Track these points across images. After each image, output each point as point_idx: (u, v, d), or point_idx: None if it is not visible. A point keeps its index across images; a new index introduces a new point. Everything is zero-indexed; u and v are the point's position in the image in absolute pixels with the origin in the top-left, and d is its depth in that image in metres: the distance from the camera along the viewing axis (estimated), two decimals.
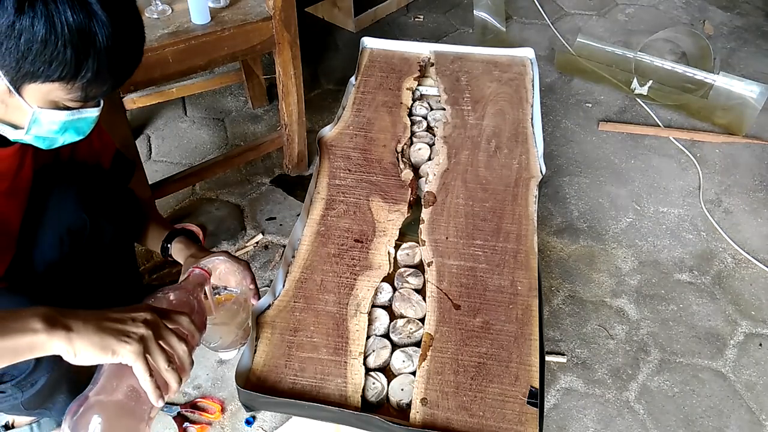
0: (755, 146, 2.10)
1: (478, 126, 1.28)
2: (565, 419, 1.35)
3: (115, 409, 0.73)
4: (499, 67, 1.44)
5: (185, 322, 0.80)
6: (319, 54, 2.48)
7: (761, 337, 1.53)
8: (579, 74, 2.38)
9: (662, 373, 1.44)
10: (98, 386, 0.74)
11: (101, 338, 0.69)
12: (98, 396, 0.73)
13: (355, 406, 0.82)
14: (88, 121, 0.82)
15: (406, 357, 0.89)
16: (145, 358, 0.71)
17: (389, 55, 1.46)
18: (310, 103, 2.14)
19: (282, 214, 1.79)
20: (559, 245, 1.74)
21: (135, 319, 0.73)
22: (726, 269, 1.69)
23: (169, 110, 2.15)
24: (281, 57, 1.59)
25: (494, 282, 0.98)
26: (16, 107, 0.75)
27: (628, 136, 2.13)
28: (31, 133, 0.78)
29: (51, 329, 0.68)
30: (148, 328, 0.73)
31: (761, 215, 1.86)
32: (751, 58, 2.54)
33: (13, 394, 1.00)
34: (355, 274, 0.99)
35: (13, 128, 0.78)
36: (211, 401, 1.35)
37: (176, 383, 0.75)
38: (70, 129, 0.81)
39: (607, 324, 1.54)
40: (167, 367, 0.74)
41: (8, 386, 0.97)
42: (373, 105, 1.32)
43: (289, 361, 0.87)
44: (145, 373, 0.71)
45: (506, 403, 0.83)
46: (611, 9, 2.84)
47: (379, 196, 1.12)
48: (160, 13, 1.45)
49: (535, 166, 1.18)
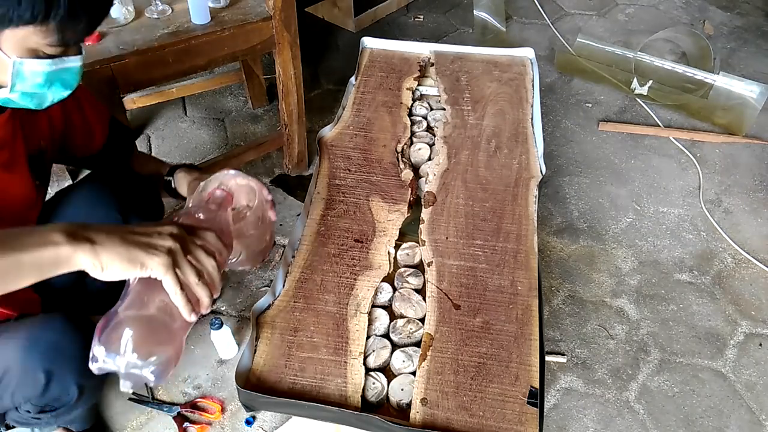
0: (755, 146, 2.10)
1: (478, 126, 1.28)
2: (565, 419, 1.35)
3: (147, 324, 0.70)
4: (499, 67, 1.43)
5: (212, 239, 0.76)
6: (319, 54, 2.48)
7: (761, 337, 1.53)
8: (579, 74, 2.38)
9: (662, 373, 1.44)
10: (127, 301, 0.71)
11: (128, 251, 0.67)
12: (128, 311, 0.70)
13: (355, 406, 0.82)
14: (72, 72, 0.79)
15: (406, 357, 0.89)
16: (174, 271, 0.69)
17: (389, 55, 1.46)
18: (310, 103, 2.14)
19: (282, 214, 1.79)
20: (559, 245, 1.74)
21: (161, 233, 0.71)
22: (726, 269, 1.69)
23: (169, 110, 2.15)
24: (281, 57, 1.59)
25: (494, 282, 0.98)
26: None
27: (628, 136, 2.13)
28: (16, 89, 0.75)
29: (74, 242, 0.65)
30: (175, 242, 0.70)
31: (761, 215, 1.86)
32: (751, 58, 2.54)
33: (47, 421, 1.02)
34: (355, 274, 0.99)
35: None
36: (211, 401, 1.35)
37: (207, 298, 0.72)
38: (56, 82, 0.78)
39: (607, 324, 1.54)
40: (197, 281, 0.71)
41: (47, 416, 0.97)
42: (373, 105, 1.32)
43: (289, 361, 0.87)
44: (175, 287, 0.69)
45: (506, 403, 0.83)
46: (611, 9, 2.84)
47: (379, 196, 1.12)
48: (160, 13, 1.45)
49: (535, 166, 1.18)
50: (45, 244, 0.64)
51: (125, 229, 0.69)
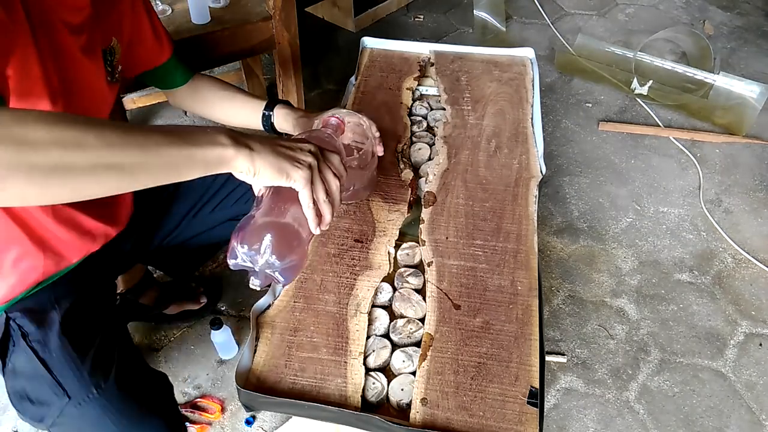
0: (755, 146, 2.10)
1: (478, 126, 1.28)
2: (565, 419, 1.35)
3: (282, 230, 0.76)
4: (499, 67, 1.43)
5: (336, 162, 0.81)
6: (319, 54, 2.48)
7: (761, 337, 1.53)
8: (579, 74, 2.38)
9: (662, 373, 1.44)
10: (263, 209, 0.76)
11: (278, 161, 0.72)
12: (265, 218, 0.76)
13: (355, 406, 0.82)
14: None
15: (406, 357, 0.89)
16: (311, 185, 0.75)
17: (389, 55, 1.46)
18: (310, 103, 2.14)
19: None
20: (559, 245, 1.74)
21: (303, 149, 0.76)
22: (726, 269, 1.69)
23: (169, 110, 2.15)
24: (281, 57, 1.59)
25: (494, 282, 0.98)
26: None
27: (628, 136, 2.13)
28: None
29: (237, 146, 0.70)
30: (314, 159, 0.76)
31: (761, 215, 1.86)
32: (751, 58, 2.54)
33: None
34: (355, 274, 0.99)
35: None
36: (211, 401, 1.35)
37: (330, 215, 0.78)
38: None
39: (607, 324, 1.54)
40: (325, 198, 0.76)
41: None
42: (373, 105, 1.32)
43: (289, 361, 0.87)
44: (309, 200, 0.75)
45: (506, 403, 0.83)
46: (611, 9, 2.85)
47: (379, 196, 1.12)
48: (160, 13, 1.45)
49: (535, 166, 1.18)
50: (213, 143, 0.68)
51: (274, 142, 0.75)
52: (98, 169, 0.58)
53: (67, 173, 0.56)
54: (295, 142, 0.77)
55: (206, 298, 1.53)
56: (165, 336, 1.49)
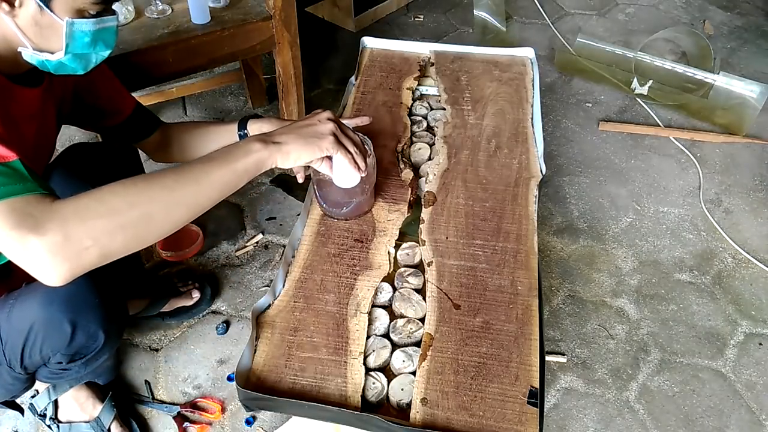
0: (755, 146, 2.10)
1: (478, 126, 1.28)
2: (565, 419, 1.35)
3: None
4: (499, 67, 1.43)
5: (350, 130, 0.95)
6: (319, 54, 2.48)
7: (761, 337, 1.53)
8: (579, 74, 2.38)
9: (662, 373, 1.44)
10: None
11: (305, 141, 0.86)
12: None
13: (355, 406, 0.82)
14: (111, 31, 0.88)
15: (406, 357, 0.89)
16: (342, 144, 0.90)
17: (389, 55, 1.46)
18: (310, 103, 2.14)
19: (282, 214, 1.79)
20: (559, 245, 1.74)
21: (320, 120, 0.90)
22: (726, 269, 1.69)
23: (170, 110, 2.16)
24: (281, 57, 1.59)
25: (494, 282, 0.98)
26: (49, 26, 0.79)
27: (628, 136, 2.13)
28: (69, 50, 0.83)
29: (268, 146, 0.82)
30: (334, 124, 0.90)
31: (761, 215, 1.86)
32: (751, 58, 2.54)
33: (77, 369, 1.10)
34: (355, 274, 0.99)
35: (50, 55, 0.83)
36: (211, 401, 1.35)
37: (364, 164, 0.94)
38: (99, 42, 0.86)
39: (607, 324, 1.54)
40: (356, 150, 0.92)
41: (77, 364, 1.06)
42: (373, 105, 1.32)
43: (289, 361, 0.87)
44: (347, 155, 0.91)
45: (506, 403, 0.83)
46: (611, 9, 2.85)
47: (379, 196, 1.12)
48: (160, 13, 1.45)
49: (535, 165, 1.18)
50: (248, 153, 0.80)
51: (293, 127, 0.89)
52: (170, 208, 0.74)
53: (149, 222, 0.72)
54: (312, 117, 0.90)
55: (199, 293, 1.52)
56: (165, 336, 1.49)
